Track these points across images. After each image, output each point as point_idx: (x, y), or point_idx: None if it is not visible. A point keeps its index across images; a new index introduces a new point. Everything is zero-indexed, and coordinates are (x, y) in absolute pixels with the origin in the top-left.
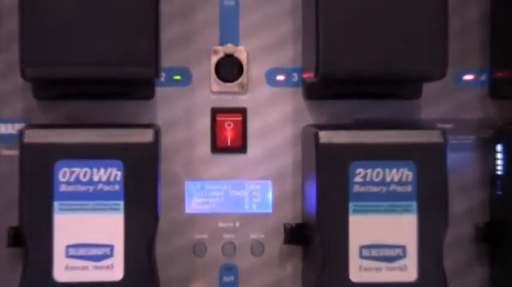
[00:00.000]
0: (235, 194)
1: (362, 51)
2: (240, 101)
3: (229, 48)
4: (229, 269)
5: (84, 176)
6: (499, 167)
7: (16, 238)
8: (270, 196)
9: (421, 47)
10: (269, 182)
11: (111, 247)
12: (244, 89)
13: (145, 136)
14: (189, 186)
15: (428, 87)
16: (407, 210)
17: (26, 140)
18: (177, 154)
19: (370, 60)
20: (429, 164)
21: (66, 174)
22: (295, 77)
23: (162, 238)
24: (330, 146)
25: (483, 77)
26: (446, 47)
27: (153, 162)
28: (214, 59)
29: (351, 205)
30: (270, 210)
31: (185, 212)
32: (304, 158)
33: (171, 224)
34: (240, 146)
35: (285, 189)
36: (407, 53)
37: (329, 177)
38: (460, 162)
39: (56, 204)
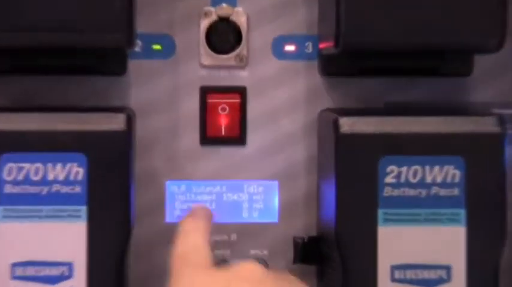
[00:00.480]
0: (231, 198)
1: (395, 14)
2: (238, 78)
3: (224, 9)
4: None
5: (36, 173)
6: None
7: None
8: (276, 200)
9: (472, 10)
10: (275, 183)
11: (70, 265)
12: (243, 62)
13: (115, 123)
14: (172, 187)
15: (480, 62)
16: (453, 220)
17: None
18: (156, 146)
19: (405, 26)
20: (482, 160)
21: (12, 171)
22: (309, 47)
23: (136, 254)
24: (354, 137)
25: None
26: (505, 11)
27: (124, 156)
28: (205, 23)
29: (381, 213)
30: (275, 219)
31: (166, 221)
32: (320, 153)
33: (147, 236)
34: (238, 137)
35: (295, 192)
36: (453, 17)
37: (352, 177)
38: None
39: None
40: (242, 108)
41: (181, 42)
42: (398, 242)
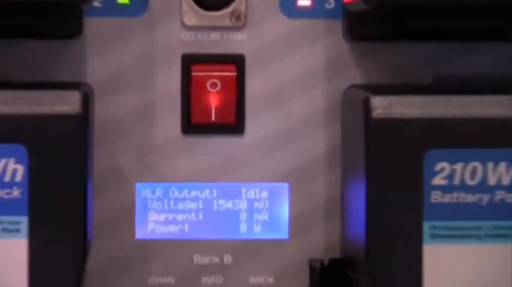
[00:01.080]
0: (225, 206)
1: None
2: (234, 43)
3: None
4: None
5: None
6: None
7: None
8: (285, 210)
9: None
10: (284, 187)
11: None
12: (240, 21)
13: (66, 104)
14: (144, 192)
15: None
16: None
17: None
18: (122, 135)
19: None
20: None
21: None
22: (331, 1)
23: (95, 283)
24: (391, 123)
25: None
26: None
27: (79, 149)
28: None
29: (427, 227)
30: (285, 235)
31: (135, 237)
32: (345, 145)
33: (111, 257)
34: (233, 123)
35: (311, 198)
36: None
37: (389, 177)
38: None
39: None
40: (239, 84)
41: None
42: (450, 266)
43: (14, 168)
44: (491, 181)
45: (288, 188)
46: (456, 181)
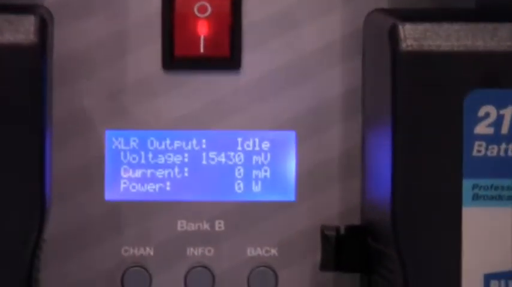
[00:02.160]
0: (216, 160)
1: None
2: None
3: None
4: None
5: None
6: None
7: None
8: (291, 165)
9: None
10: (290, 135)
11: None
12: None
13: (18, 31)
14: (115, 141)
15: None
16: None
17: None
18: (88, 71)
19: None
20: None
21: None
22: None
23: (55, 253)
24: (424, 57)
25: None
26: None
27: (34, 88)
28: None
29: (468, 186)
30: (291, 196)
31: (105, 198)
32: (367, 84)
33: (75, 223)
34: (227, 57)
35: (323, 151)
36: None
37: (421, 124)
38: None
39: None
40: (234, 8)
41: None
42: (495, 235)
43: None
44: None
45: (294, 137)
46: (504, 129)
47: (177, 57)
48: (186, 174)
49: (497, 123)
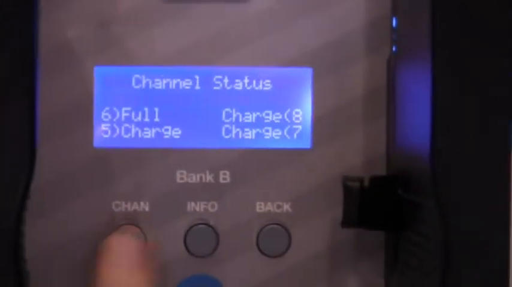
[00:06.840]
0: (221, 102)
1: None
2: None
3: None
4: None
5: None
6: None
7: None
8: (307, 107)
9: None
10: (306, 72)
11: None
12: None
13: None
14: (106, 78)
15: None
16: None
17: None
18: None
19: None
20: None
21: None
22: None
23: (39, 205)
24: None
25: None
26: None
27: (20, 17)
28: None
29: None
30: (307, 143)
31: (93, 144)
32: (398, 11)
33: (60, 173)
34: None
35: (344, 90)
36: None
37: (465, 57)
38: None
39: None
40: None
41: None
42: None
43: None
44: None
45: (311, 75)
46: None
47: None
48: (186, 117)
49: None
